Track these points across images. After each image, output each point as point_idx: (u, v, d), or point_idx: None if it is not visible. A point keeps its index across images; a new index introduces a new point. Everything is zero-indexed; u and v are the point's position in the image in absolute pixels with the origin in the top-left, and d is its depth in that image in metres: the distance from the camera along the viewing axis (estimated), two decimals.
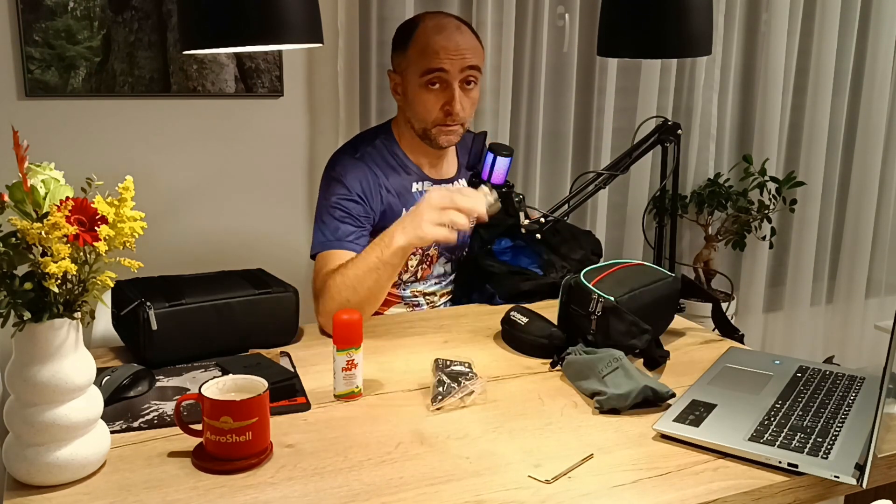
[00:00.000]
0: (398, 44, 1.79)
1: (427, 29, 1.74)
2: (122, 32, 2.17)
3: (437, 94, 1.74)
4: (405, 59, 1.77)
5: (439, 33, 1.72)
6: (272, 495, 1.01)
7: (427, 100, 1.74)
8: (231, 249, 2.39)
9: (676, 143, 1.91)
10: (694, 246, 3.08)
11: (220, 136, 2.34)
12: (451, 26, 1.74)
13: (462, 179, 1.91)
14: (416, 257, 1.81)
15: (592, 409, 1.26)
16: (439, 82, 1.73)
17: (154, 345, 1.37)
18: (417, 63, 1.73)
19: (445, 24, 1.75)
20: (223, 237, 2.39)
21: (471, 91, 1.77)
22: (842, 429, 1.15)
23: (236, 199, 2.39)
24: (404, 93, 1.79)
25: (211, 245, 2.37)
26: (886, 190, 3.37)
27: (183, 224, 2.34)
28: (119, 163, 2.24)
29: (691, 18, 1.71)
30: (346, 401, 1.29)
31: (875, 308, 3.49)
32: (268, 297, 1.48)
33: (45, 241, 0.96)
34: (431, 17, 1.78)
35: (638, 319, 1.41)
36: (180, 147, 2.31)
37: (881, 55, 3.17)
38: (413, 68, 1.74)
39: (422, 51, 1.72)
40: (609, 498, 1.02)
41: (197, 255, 2.34)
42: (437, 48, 1.71)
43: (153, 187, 2.29)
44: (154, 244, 2.17)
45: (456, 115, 1.74)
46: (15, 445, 1.02)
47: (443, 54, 1.71)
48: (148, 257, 1.07)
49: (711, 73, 2.92)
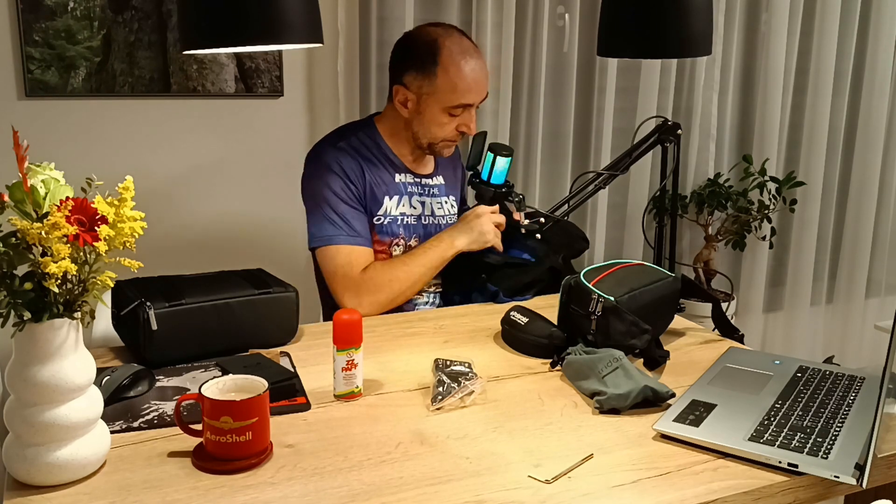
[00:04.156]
0: (419, 65, 1.76)
1: (454, 57, 1.74)
2: (122, 32, 2.17)
3: (457, 118, 1.80)
4: (430, 84, 1.75)
5: (466, 64, 1.74)
6: (272, 495, 1.01)
7: (447, 123, 1.80)
8: (231, 249, 2.39)
9: (676, 143, 1.91)
10: (694, 246, 3.08)
11: (221, 136, 2.34)
12: (472, 53, 1.77)
13: (439, 175, 1.95)
14: (399, 248, 1.85)
15: (592, 409, 1.26)
16: (463, 110, 1.79)
17: (154, 345, 1.37)
18: (447, 94, 1.75)
19: (467, 50, 1.76)
20: (223, 237, 2.39)
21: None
22: (842, 429, 1.15)
23: (236, 200, 2.39)
24: (417, 110, 1.80)
25: (211, 245, 2.37)
26: (886, 190, 3.37)
27: (183, 224, 2.34)
28: (119, 163, 2.24)
29: (691, 18, 1.71)
30: (346, 401, 1.29)
31: (875, 308, 3.49)
32: (268, 297, 1.48)
33: (45, 241, 0.96)
34: (450, 39, 1.76)
35: (638, 319, 1.41)
36: (180, 147, 2.31)
37: (881, 55, 3.17)
38: (440, 97, 1.76)
39: (453, 85, 1.74)
40: (609, 498, 1.02)
41: (197, 255, 2.34)
42: (469, 83, 1.75)
43: (153, 187, 2.29)
44: (154, 244, 2.17)
45: (468, 135, 1.83)
46: (15, 445, 1.01)
47: (475, 89, 1.76)
48: (148, 257, 1.07)
49: (711, 73, 2.92)
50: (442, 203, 1.94)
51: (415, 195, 1.88)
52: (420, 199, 1.89)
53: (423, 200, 1.90)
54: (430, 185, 1.92)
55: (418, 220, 1.88)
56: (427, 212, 1.90)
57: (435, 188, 1.93)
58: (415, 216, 1.88)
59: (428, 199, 1.91)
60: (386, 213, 1.82)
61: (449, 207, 1.96)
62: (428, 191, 1.91)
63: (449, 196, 1.96)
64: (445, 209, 1.94)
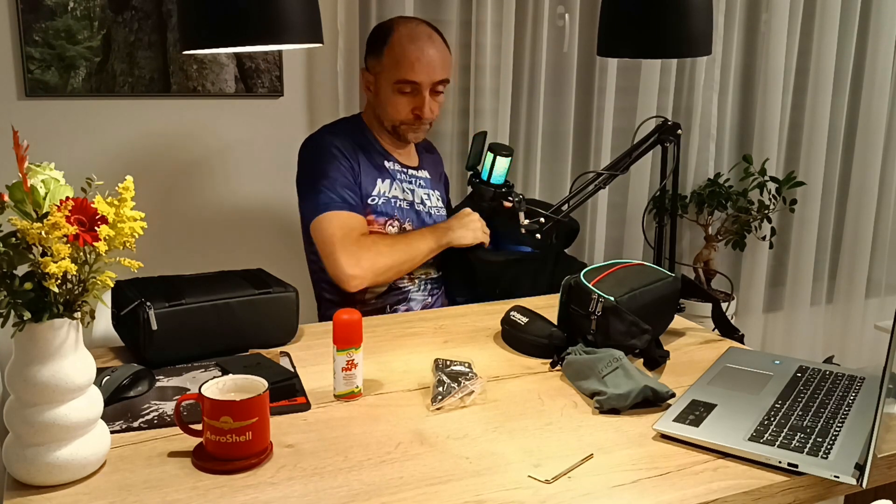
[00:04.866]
0: (373, 47, 1.88)
1: (402, 38, 1.82)
2: (122, 32, 2.17)
3: (408, 98, 1.84)
4: (379, 63, 1.85)
5: (412, 43, 1.81)
6: (272, 495, 1.01)
7: (398, 103, 1.85)
8: (231, 249, 2.39)
9: (676, 143, 1.91)
10: (694, 246, 3.08)
11: (221, 136, 2.34)
12: (423, 37, 1.82)
13: (424, 170, 1.99)
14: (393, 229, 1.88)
15: (592, 409, 1.26)
16: (411, 89, 1.83)
17: (154, 345, 1.37)
18: (391, 71, 1.82)
19: (419, 34, 1.82)
20: (223, 237, 2.39)
21: (438, 96, 1.88)
22: (842, 429, 1.15)
23: (236, 199, 2.39)
24: (376, 92, 1.88)
25: (211, 245, 2.37)
26: (886, 190, 3.37)
27: (183, 224, 2.34)
28: (119, 163, 2.24)
29: (691, 18, 1.71)
30: (346, 401, 1.29)
31: (875, 308, 3.49)
32: (268, 297, 1.48)
33: (45, 241, 0.96)
34: (405, 24, 1.85)
35: (638, 319, 1.41)
36: (180, 147, 2.31)
37: (881, 55, 3.17)
38: (386, 74, 1.83)
39: (396, 61, 1.81)
40: (609, 498, 1.02)
41: (197, 255, 2.34)
42: (412, 60, 1.80)
43: (153, 187, 2.29)
44: (154, 244, 2.17)
45: (424, 119, 1.86)
46: (15, 445, 1.01)
47: (417, 67, 1.80)
48: (148, 257, 1.07)
49: (711, 73, 2.92)
50: (430, 195, 1.98)
51: (405, 181, 1.93)
52: (410, 186, 1.93)
53: (413, 189, 1.94)
54: (417, 177, 1.96)
55: (411, 206, 1.92)
56: (417, 200, 1.94)
57: (421, 180, 1.97)
58: (407, 201, 1.91)
59: (417, 189, 1.95)
60: (380, 193, 1.86)
61: (436, 200, 1.99)
62: (415, 181, 1.96)
63: (434, 191, 2.00)
64: (433, 201, 1.98)
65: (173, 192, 2.32)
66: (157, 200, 2.30)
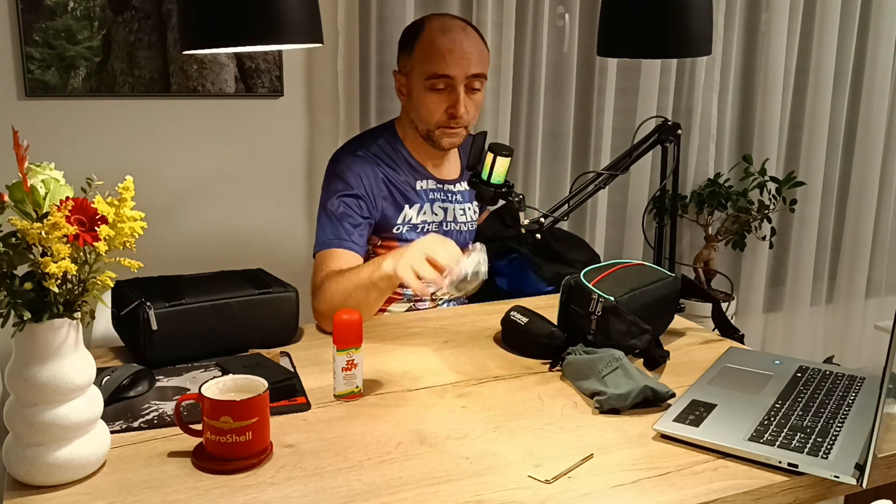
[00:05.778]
0: (404, 45, 1.80)
1: (432, 31, 1.73)
2: (122, 32, 2.17)
3: (442, 96, 1.74)
4: (410, 60, 1.77)
5: (444, 35, 1.72)
6: (272, 495, 1.01)
7: (431, 102, 1.75)
8: (231, 249, 2.39)
9: (676, 143, 1.91)
10: (694, 246, 3.08)
11: (220, 136, 2.34)
12: (456, 28, 1.74)
13: (464, 182, 1.91)
14: None
15: (592, 409, 1.26)
16: (444, 85, 1.73)
17: (154, 345, 1.37)
18: (422, 66, 1.73)
19: (451, 26, 1.75)
20: (223, 237, 2.39)
21: (475, 95, 1.78)
22: (842, 429, 1.15)
23: (236, 199, 2.39)
24: (409, 94, 1.79)
25: (211, 245, 2.37)
26: (886, 190, 3.37)
27: (183, 224, 2.34)
28: (119, 163, 2.24)
29: (691, 18, 1.71)
30: (346, 401, 1.29)
31: (875, 308, 3.49)
32: (268, 297, 1.48)
33: (45, 241, 0.96)
34: (437, 18, 1.78)
35: (638, 319, 1.41)
36: (180, 147, 2.31)
37: (881, 55, 3.17)
38: (418, 70, 1.75)
39: (427, 54, 1.73)
40: (609, 498, 1.02)
41: (197, 255, 2.34)
42: (443, 52, 1.71)
43: (153, 187, 2.29)
44: (154, 244, 2.17)
45: (460, 119, 1.75)
46: (15, 445, 1.02)
47: (448, 59, 1.71)
48: (148, 257, 1.07)
49: (711, 73, 2.92)
50: (465, 210, 1.92)
51: (437, 202, 1.86)
52: (442, 205, 1.87)
53: (446, 207, 1.87)
54: (453, 192, 1.90)
55: (439, 227, 1.86)
56: (449, 218, 1.88)
57: (458, 194, 1.90)
58: (436, 223, 1.86)
59: (450, 206, 1.88)
60: (405, 220, 1.80)
61: (472, 214, 1.94)
62: (451, 196, 1.89)
63: (473, 202, 1.94)
64: (468, 216, 1.93)
65: (173, 192, 2.32)
66: (158, 200, 2.29)
